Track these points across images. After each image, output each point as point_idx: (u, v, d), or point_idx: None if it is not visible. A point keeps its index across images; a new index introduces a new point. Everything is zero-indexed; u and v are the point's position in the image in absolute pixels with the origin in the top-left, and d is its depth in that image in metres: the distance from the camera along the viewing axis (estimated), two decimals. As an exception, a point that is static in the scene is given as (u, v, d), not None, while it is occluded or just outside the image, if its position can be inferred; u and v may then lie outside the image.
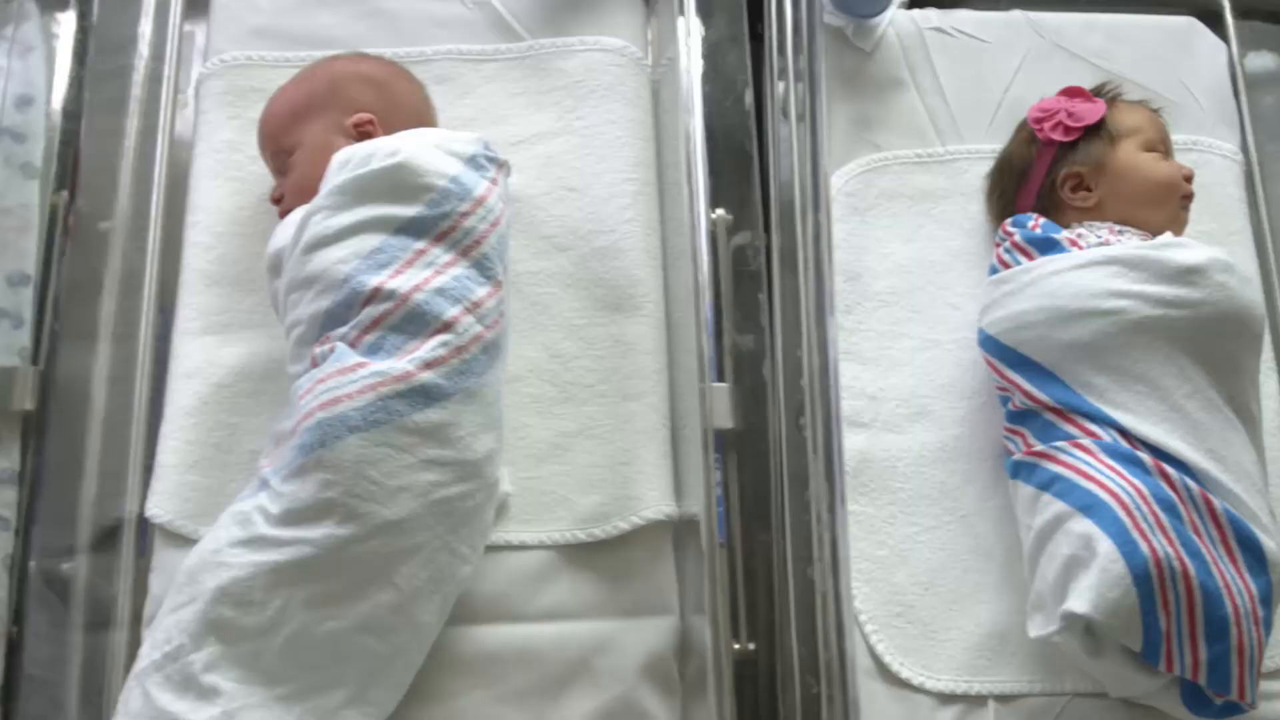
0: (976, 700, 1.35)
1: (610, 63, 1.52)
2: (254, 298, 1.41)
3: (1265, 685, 1.35)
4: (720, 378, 1.43)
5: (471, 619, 1.29)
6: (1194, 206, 1.56)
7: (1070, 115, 1.46)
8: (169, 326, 1.41)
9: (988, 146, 1.57)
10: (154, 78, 1.46)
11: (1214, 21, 1.69)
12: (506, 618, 1.29)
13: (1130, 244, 1.37)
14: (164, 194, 1.42)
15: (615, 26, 1.56)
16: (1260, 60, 1.60)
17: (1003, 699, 1.34)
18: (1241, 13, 1.63)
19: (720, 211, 1.49)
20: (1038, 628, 1.29)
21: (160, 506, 1.32)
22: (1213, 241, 1.55)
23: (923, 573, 1.40)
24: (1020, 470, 1.34)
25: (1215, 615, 1.22)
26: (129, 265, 1.39)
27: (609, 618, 1.30)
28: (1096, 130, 1.45)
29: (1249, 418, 1.34)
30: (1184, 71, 1.65)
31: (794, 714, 1.29)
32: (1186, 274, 1.32)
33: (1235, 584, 1.24)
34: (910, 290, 1.52)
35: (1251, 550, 1.26)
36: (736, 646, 1.34)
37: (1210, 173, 1.58)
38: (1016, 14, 1.68)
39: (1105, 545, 1.23)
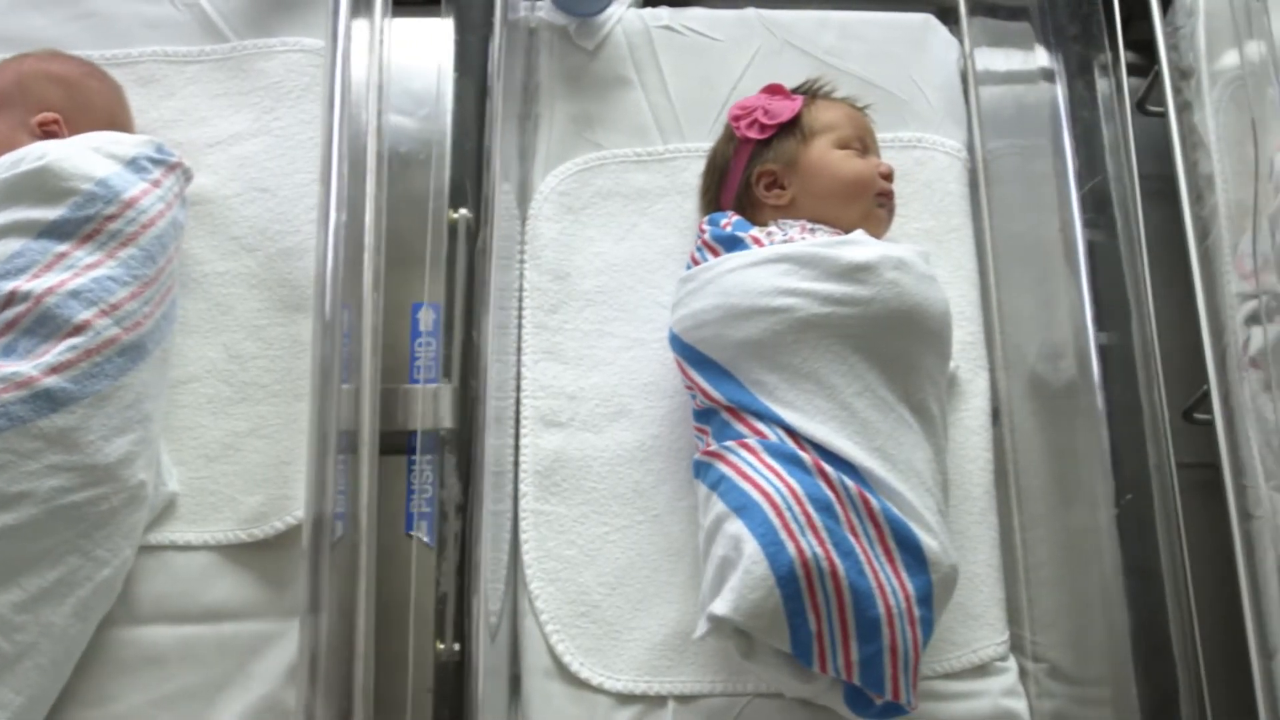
0: (656, 700, 1.34)
1: (309, 64, 1.53)
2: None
3: (949, 685, 1.36)
4: (445, 376, 1.43)
5: (134, 620, 1.30)
6: (915, 203, 1.56)
7: (766, 113, 1.45)
8: None
9: (707, 145, 1.55)
10: None
11: (953, 18, 1.68)
12: (168, 619, 1.30)
13: (805, 241, 1.36)
14: None
15: (320, 28, 1.55)
16: (991, 57, 1.58)
17: (683, 699, 1.34)
18: (978, 10, 1.62)
19: (463, 211, 1.50)
20: (697, 630, 1.29)
21: None
22: (932, 238, 1.55)
23: (610, 573, 1.39)
24: (698, 470, 1.34)
25: (866, 615, 1.21)
26: None
27: (268, 618, 1.31)
28: (791, 128, 1.45)
29: (926, 416, 1.33)
30: (915, 68, 1.64)
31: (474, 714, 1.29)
32: (855, 271, 1.31)
33: (890, 584, 1.24)
34: (619, 289, 1.51)
35: (910, 550, 1.25)
36: (441, 646, 1.35)
37: (933, 170, 1.58)
38: (750, 11, 1.67)
39: (750, 546, 1.22)
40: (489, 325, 1.33)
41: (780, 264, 1.33)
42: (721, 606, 1.21)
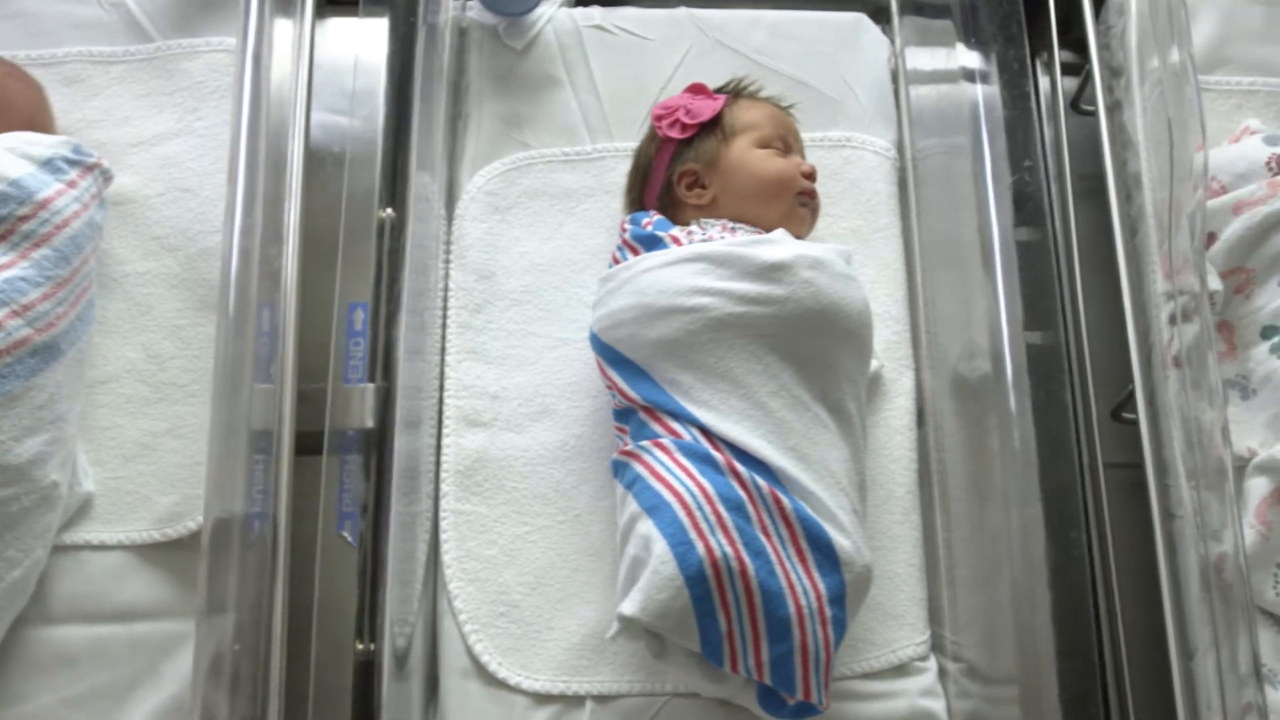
0: (574, 700, 1.35)
1: (232, 64, 1.52)
2: None
3: (868, 685, 1.36)
4: (371, 377, 1.43)
5: (46, 620, 1.30)
6: (844, 202, 1.56)
7: (688, 112, 1.45)
8: None
9: (636, 145, 1.55)
10: None
11: (886, 18, 1.68)
12: (81, 618, 1.31)
13: (722, 241, 1.36)
14: None
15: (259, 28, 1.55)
16: (922, 57, 1.58)
17: (600, 699, 1.34)
18: (909, 9, 1.61)
19: (389, 210, 1.50)
20: (610, 630, 1.29)
21: None
22: (859, 238, 1.55)
23: (530, 573, 1.39)
24: (616, 470, 1.34)
25: (777, 615, 1.21)
26: None
27: (180, 618, 1.30)
28: (712, 127, 1.44)
29: (843, 416, 1.32)
30: (846, 67, 1.64)
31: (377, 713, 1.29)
32: (770, 271, 1.31)
33: (801, 584, 1.23)
34: (544, 289, 1.51)
35: (822, 550, 1.25)
36: (360, 646, 1.34)
37: (862, 169, 1.57)
38: (681, 11, 1.67)
39: (660, 546, 1.22)
40: (401, 325, 1.33)
41: (696, 263, 1.33)
42: (629, 607, 1.21)
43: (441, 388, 1.47)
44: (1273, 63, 1.62)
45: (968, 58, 1.46)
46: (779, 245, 1.34)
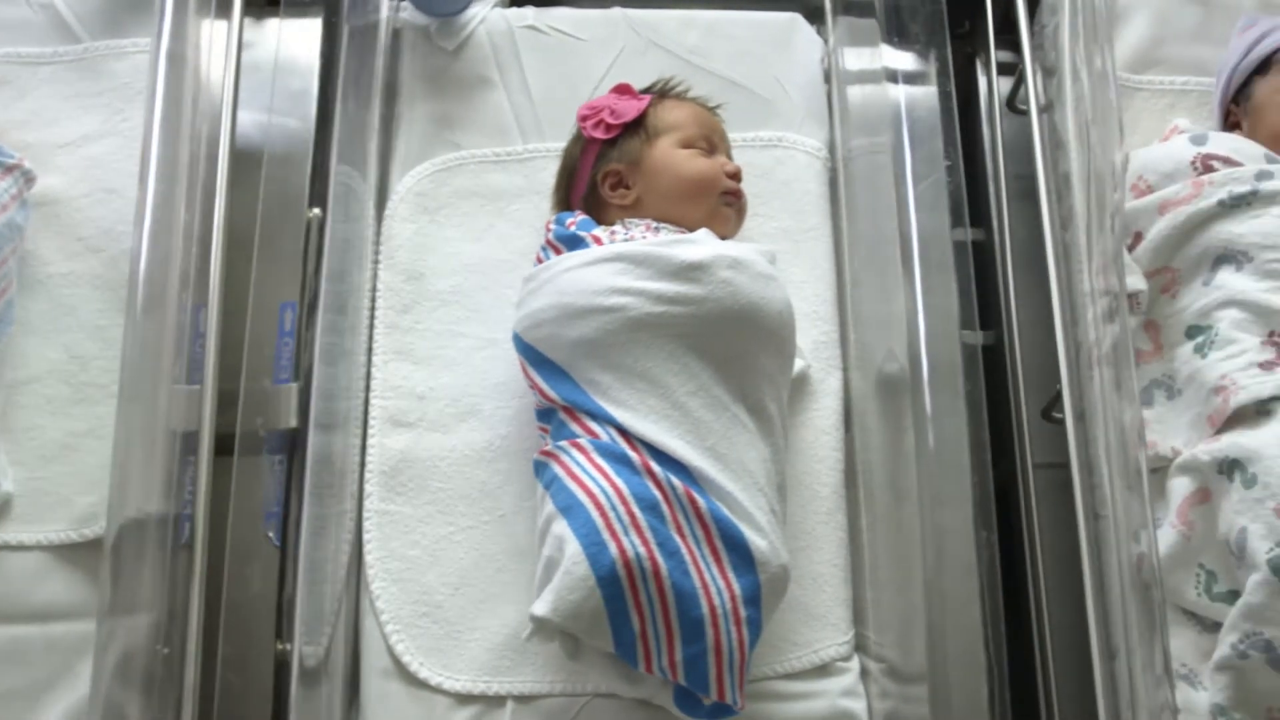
0: (495, 701, 1.34)
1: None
2: None
3: (789, 685, 1.36)
4: (296, 377, 1.43)
5: (-35, 621, 1.30)
6: (774, 202, 1.57)
7: (612, 113, 1.45)
8: None
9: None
10: None
11: (821, 18, 1.68)
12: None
13: (642, 241, 1.36)
14: None
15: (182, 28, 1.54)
16: (855, 57, 1.58)
17: (522, 699, 1.34)
18: (844, 9, 1.61)
19: (315, 210, 1.50)
20: (526, 631, 1.29)
21: None
22: (789, 238, 1.55)
23: (454, 573, 1.39)
24: (537, 470, 1.33)
25: (690, 615, 1.21)
26: None
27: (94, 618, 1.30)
28: (636, 127, 1.45)
29: (763, 416, 1.32)
30: (779, 67, 1.64)
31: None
32: (688, 270, 1.30)
33: (715, 584, 1.23)
34: (473, 289, 1.51)
35: (737, 550, 1.25)
36: (280, 647, 1.34)
37: (793, 169, 1.58)
38: (615, 11, 1.67)
39: (572, 547, 1.22)
40: (318, 325, 1.33)
41: (614, 263, 1.33)
42: (541, 608, 1.21)
43: (368, 388, 1.47)
44: (1206, 62, 1.62)
45: (894, 58, 1.45)
46: (698, 245, 1.34)
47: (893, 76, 1.41)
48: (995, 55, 1.65)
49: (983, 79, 1.68)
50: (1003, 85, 1.63)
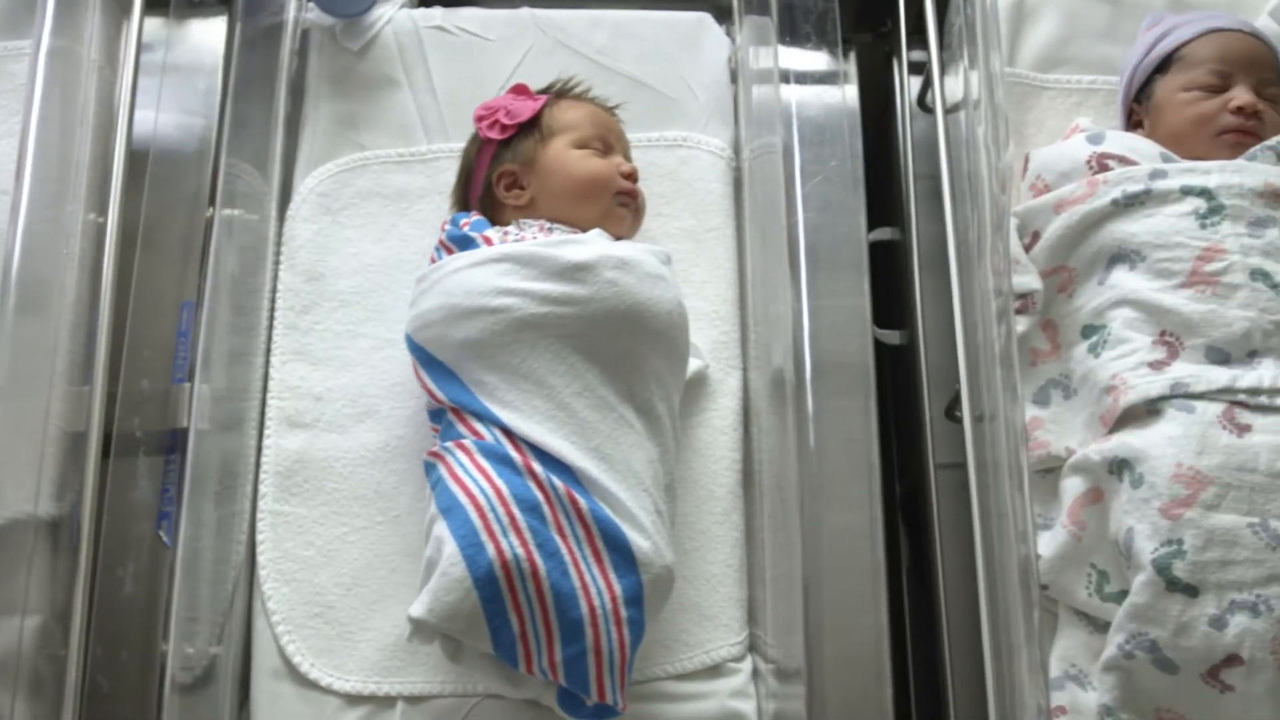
0: (385, 701, 1.35)
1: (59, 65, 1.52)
2: None
3: (680, 686, 1.36)
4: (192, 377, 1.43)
5: None
6: (677, 202, 1.57)
7: (507, 113, 1.45)
8: None
9: (468, 145, 1.55)
10: None
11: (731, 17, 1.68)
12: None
13: (529, 241, 1.36)
14: None
15: (79, 28, 1.55)
16: (764, 56, 1.57)
17: (412, 700, 1.34)
18: (753, 8, 1.61)
19: (239, 211, 1.50)
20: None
21: None
22: (691, 238, 1.55)
23: (347, 573, 1.39)
24: (426, 470, 1.34)
25: (568, 616, 1.21)
26: None
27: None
28: (531, 128, 1.45)
29: (651, 417, 1.32)
30: (687, 67, 1.64)
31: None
32: (574, 271, 1.31)
33: (596, 584, 1.23)
34: (374, 290, 1.51)
35: (619, 550, 1.25)
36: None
37: (697, 169, 1.58)
38: (524, 11, 1.67)
39: (450, 548, 1.22)
40: (202, 325, 1.33)
41: (501, 264, 1.33)
42: (418, 609, 1.22)
43: (265, 389, 1.47)
44: (1114, 61, 1.62)
45: (789, 57, 1.45)
46: (584, 245, 1.34)
47: (785, 76, 1.40)
48: (907, 54, 1.64)
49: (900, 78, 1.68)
50: (918, 84, 1.64)
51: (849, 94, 1.64)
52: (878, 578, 1.37)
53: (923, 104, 1.61)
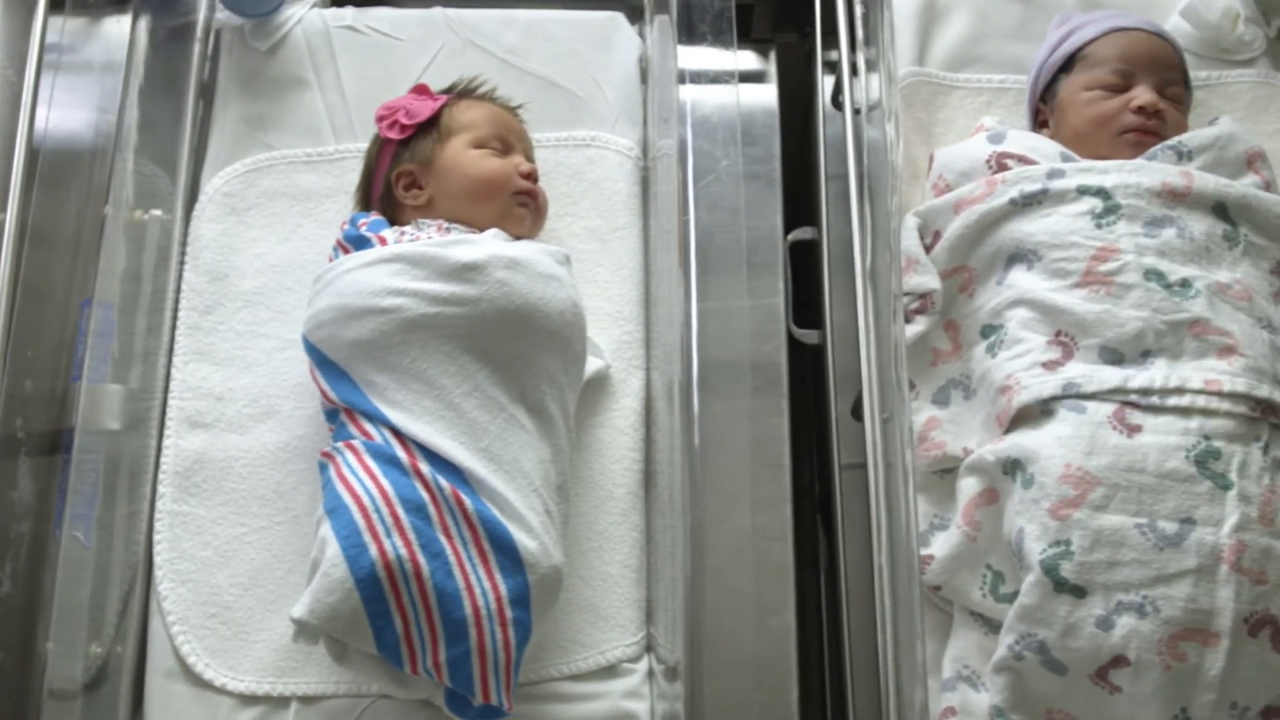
0: (279, 701, 1.35)
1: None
2: None
3: (574, 686, 1.36)
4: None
5: None
6: (584, 202, 1.57)
7: (406, 113, 1.45)
8: None
9: (374, 146, 1.55)
10: None
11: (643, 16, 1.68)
12: None
13: (422, 241, 1.35)
14: None
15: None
16: (672, 55, 1.57)
17: (306, 700, 1.35)
18: (663, 7, 1.60)
19: (157, 212, 1.50)
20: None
21: None
22: (597, 238, 1.55)
23: (244, 574, 1.39)
24: (320, 471, 1.34)
25: (452, 616, 1.21)
26: None
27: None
28: (430, 128, 1.44)
29: (544, 417, 1.33)
30: (597, 67, 1.64)
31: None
32: (463, 271, 1.31)
33: (481, 585, 1.23)
34: (278, 290, 1.51)
35: (505, 551, 1.24)
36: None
37: (604, 168, 1.58)
38: (436, 11, 1.67)
39: (332, 549, 1.22)
40: (91, 325, 1.33)
41: (392, 264, 1.33)
42: (299, 610, 1.22)
43: (166, 389, 1.47)
44: (1024, 60, 1.61)
45: (699, 56, 1.44)
46: (475, 245, 1.34)
47: (683, 76, 1.40)
48: (821, 54, 1.64)
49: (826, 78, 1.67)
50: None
51: (767, 93, 1.66)
52: (785, 578, 1.38)
53: (836, 103, 1.61)
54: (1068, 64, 1.52)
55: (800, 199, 1.65)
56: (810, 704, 1.37)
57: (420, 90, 1.49)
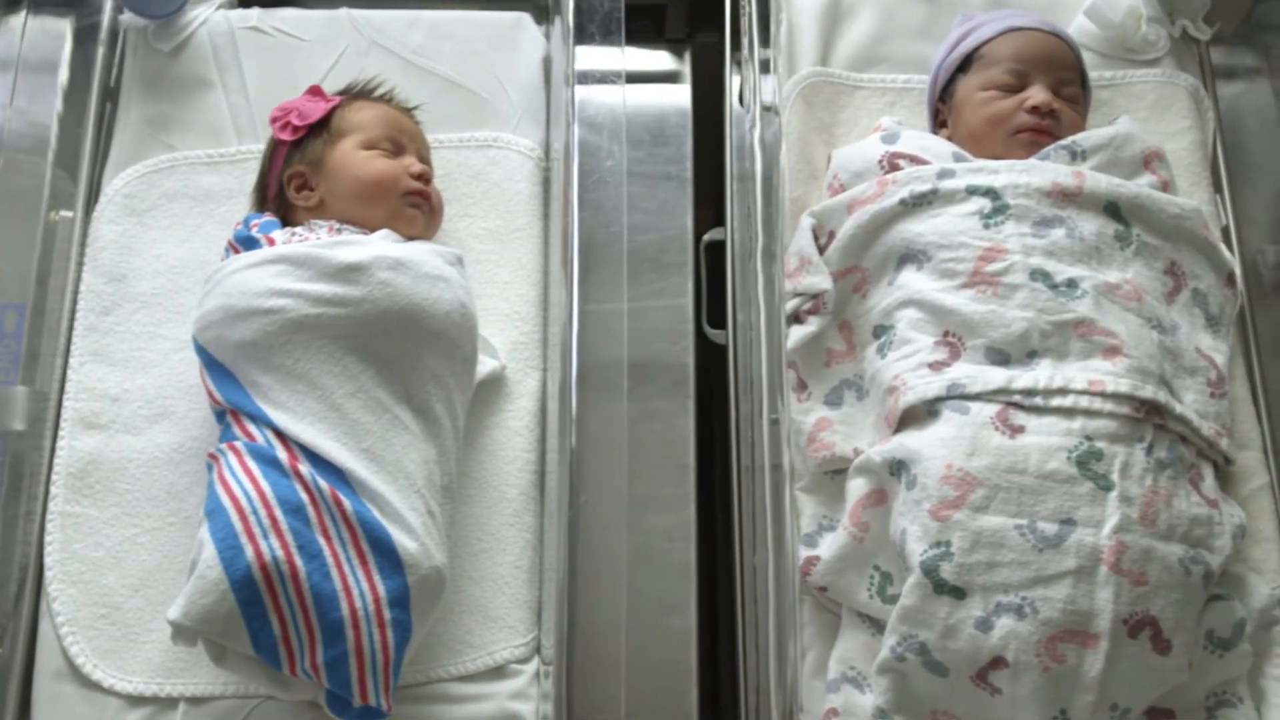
0: (167, 702, 1.35)
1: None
2: None
3: (461, 687, 1.36)
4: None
5: None
6: (485, 203, 1.57)
7: (299, 114, 1.45)
8: None
9: (278, 147, 1.55)
10: None
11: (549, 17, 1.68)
12: None
13: (307, 242, 1.35)
14: None
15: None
16: (579, 56, 1.57)
17: (194, 701, 1.35)
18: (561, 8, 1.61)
19: (66, 213, 1.51)
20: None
21: None
22: (497, 238, 1.55)
23: (135, 575, 1.39)
24: (207, 471, 1.33)
25: (329, 618, 1.21)
26: None
27: None
28: (321, 129, 1.45)
29: (429, 418, 1.33)
30: (501, 67, 1.63)
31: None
32: (347, 272, 1.31)
33: (359, 586, 1.23)
34: (176, 291, 1.51)
35: (384, 552, 1.24)
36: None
37: (505, 169, 1.57)
38: (342, 12, 1.67)
39: (208, 551, 1.22)
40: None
41: (277, 265, 1.33)
42: (174, 611, 1.22)
43: (61, 390, 1.47)
44: (928, 60, 1.61)
45: (590, 56, 1.45)
46: (360, 246, 1.34)
47: (568, 77, 1.40)
48: (730, 55, 1.63)
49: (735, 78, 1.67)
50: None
51: (680, 94, 1.66)
52: (688, 579, 1.38)
53: (743, 103, 1.61)
54: (965, 64, 1.51)
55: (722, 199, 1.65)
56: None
57: (314, 91, 1.49)
